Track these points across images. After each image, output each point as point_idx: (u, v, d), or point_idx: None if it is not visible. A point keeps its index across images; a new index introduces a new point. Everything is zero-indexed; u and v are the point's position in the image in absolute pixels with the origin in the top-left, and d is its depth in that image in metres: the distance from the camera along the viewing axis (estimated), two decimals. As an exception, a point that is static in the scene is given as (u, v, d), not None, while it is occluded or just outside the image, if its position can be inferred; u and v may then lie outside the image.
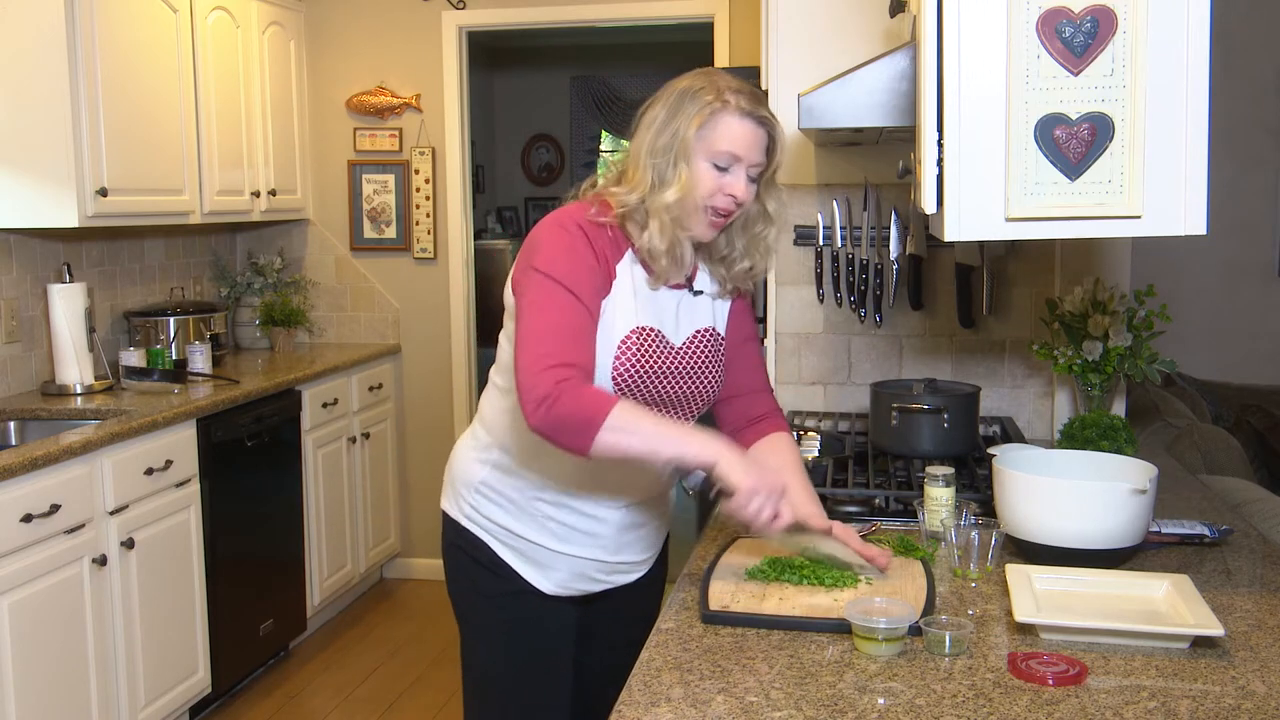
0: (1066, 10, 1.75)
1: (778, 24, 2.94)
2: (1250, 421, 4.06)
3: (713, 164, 1.85)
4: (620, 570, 2.09)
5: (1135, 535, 1.87)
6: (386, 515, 5.04)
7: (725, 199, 1.86)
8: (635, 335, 1.90)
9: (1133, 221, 1.78)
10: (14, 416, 3.53)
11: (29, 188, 3.53)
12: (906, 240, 2.91)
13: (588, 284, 1.85)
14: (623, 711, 1.40)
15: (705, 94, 1.86)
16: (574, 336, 1.80)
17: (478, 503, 2.06)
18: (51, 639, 2.98)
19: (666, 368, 1.93)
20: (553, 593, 2.05)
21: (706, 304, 2.02)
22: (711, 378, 2.01)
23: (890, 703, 1.41)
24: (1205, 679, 1.47)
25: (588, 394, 1.75)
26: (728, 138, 1.85)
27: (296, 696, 4.00)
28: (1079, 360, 2.70)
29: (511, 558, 2.04)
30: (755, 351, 2.12)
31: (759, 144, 1.87)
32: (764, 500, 1.73)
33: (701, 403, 2.02)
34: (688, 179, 1.85)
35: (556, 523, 2.00)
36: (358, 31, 5.03)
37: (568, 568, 2.04)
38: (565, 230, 1.88)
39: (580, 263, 1.85)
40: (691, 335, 1.99)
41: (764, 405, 2.10)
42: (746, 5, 4.60)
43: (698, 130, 1.84)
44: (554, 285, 1.82)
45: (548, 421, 1.73)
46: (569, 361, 1.76)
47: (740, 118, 1.85)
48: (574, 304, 1.82)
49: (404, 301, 5.13)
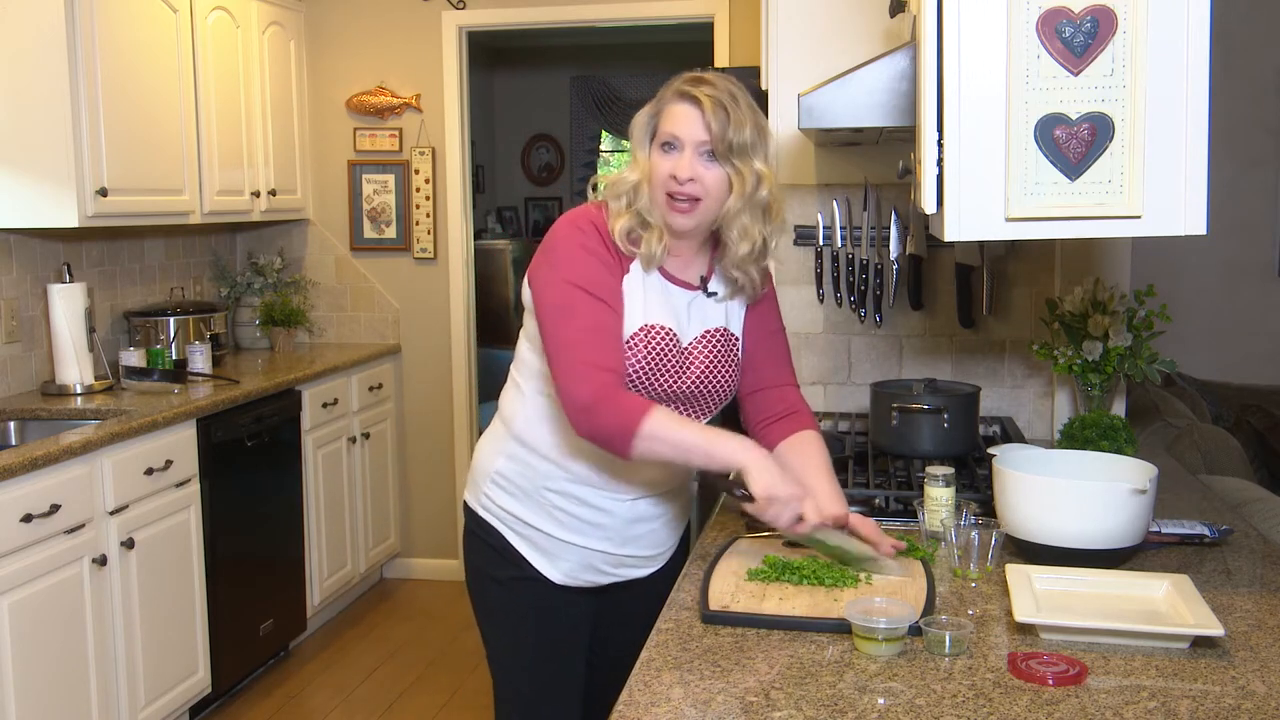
0: (1066, 10, 1.75)
1: (778, 24, 2.94)
2: (1250, 421, 4.06)
3: (661, 148, 1.92)
4: (628, 564, 2.11)
5: (1135, 535, 1.87)
6: (386, 515, 5.04)
7: (673, 182, 1.90)
8: (643, 332, 1.94)
9: (1133, 221, 1.78)
10: (14, 416, 3.53)
11: (29, 188, 3.53)
12: (906, 240, 2.91)
13: (606, 282, 1.90)
14: (623, 711, 1.40)
15: (665, 87, 1.95)
16: (602, 339, 1.87)
17: (492, 492, 2.11)
18: (51, 639, 2.98)
19: (674, 365, 1.97)
20: (561, 582, 2.09)
21: (719, 306, 2.05)
22: (721, 377, 2.02)
23: (890, 703, 1.41)
24: (1205, 679, 1.47)
25: (624, 402, 1.84)
26: (668, 119, 1.91)
27: (296, 696, 4.00)
28: (1079, 360, 2.70)
29: (523, 546, 2.09)
30: (781, 345, 2.14)
31: (695, 121, 1.88)
32: (782, 507, 1.79)
33: (713, 401, 2.04)
34: (644, 164, 1.93)
35: (564, 512, 2.04)
36: (358, 31, 5.03)
37: (575, 558, 2.07)
38: (579, 229, 1.94)
39: (595, 260, 1.91)
40: (701, 335, 2.01)
41: (789, 400, 2.12)
42: (746, 5, 4.60)
43: (650, 119, 1.94)
44: (574, 290, 1.89)
45: (590, 430, 1.86)
46: (602, 365, 1.84)
47: (678, 100, 1.91)
48: (595, 305, 1.88)
49: (404, 301, 5.13)
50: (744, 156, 1.90)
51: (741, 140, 1.89)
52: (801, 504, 1.81)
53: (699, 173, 1.90)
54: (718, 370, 2.02)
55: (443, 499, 5.17)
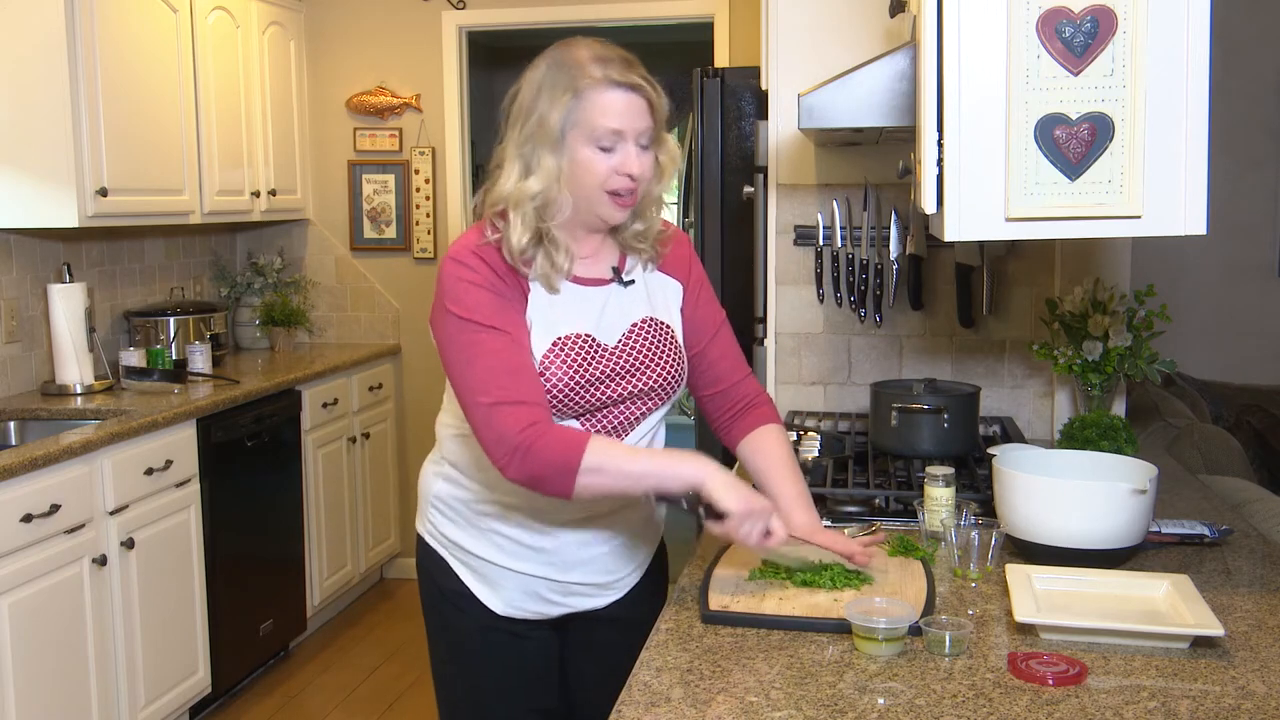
0: (1066, 10, 1.75)
1: (778, 24, 2.94)
2: (1250, 421, 4.06)
3: (596, 146, 1.73)
4: (578, 592, 1.95)
5: (1135, 535, 1.87)
6: (386, 515, 5.04)
7: (620, 179, 1.75)
8: (557, 347, 1.80)
9: (1133, 221, 1.78)
10: (14, 416, 3.53)
11: (29, 188, 3.53)
12: (906, 240, 2.91)
13: (503, 311, 1.75)
14: (622, 711, 1.40)
15: (566, 72, 1.74)
16: (512, 374, 1.71)
17: (434, 518, 1.99)
18: (51, 639, 2.98)
19: (601, 373, 1.82)
20: (504, 613, 1.94)
21: (640, 293, 1.90)
22: (661, 368, 1.88)
23: (890, 703, 1.41)
24: (1205, 679, 1.47)
25: (556, 438, 1.68)
26: (603, 114, 1.72)
27: (296, 696, 4.00)
28: (1079, 360, 2.70)
29: (466, 575, 1.96)
30: (728, 337, 2.00)
31: (638, 111, 1.74)
32: (754, 523, 1.69)
33: (660, 394, 1.89)
34: (551, 168, 1.74)
35: (502, 537, 1.91)
36: (358, 31, 5.03)
37: (516, 585, 1.92)
38: (460, 264, 1.77)
39: (486, 293, 1.75)
40: (627, 331, 1.86)
41: (747, 391, 2.00)
42: (746, 5, 4.60)
43: (565, 115, 1.72)
44: (472, 326, 1.74)
45: (524, 475, 1.69)
46: (520, 400, 1.69)
47: (610, 89, 1.72)
48: (497, 339, 1.73)
49: (404, 301, 5.13)
50: (659, 140, 1.80)
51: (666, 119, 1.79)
52: (772, 519, 1.71)
53: (644, 163, 1.77)
54: (654, 363, 1.87)
55: (443, 499, 5.16)
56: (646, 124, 1.76)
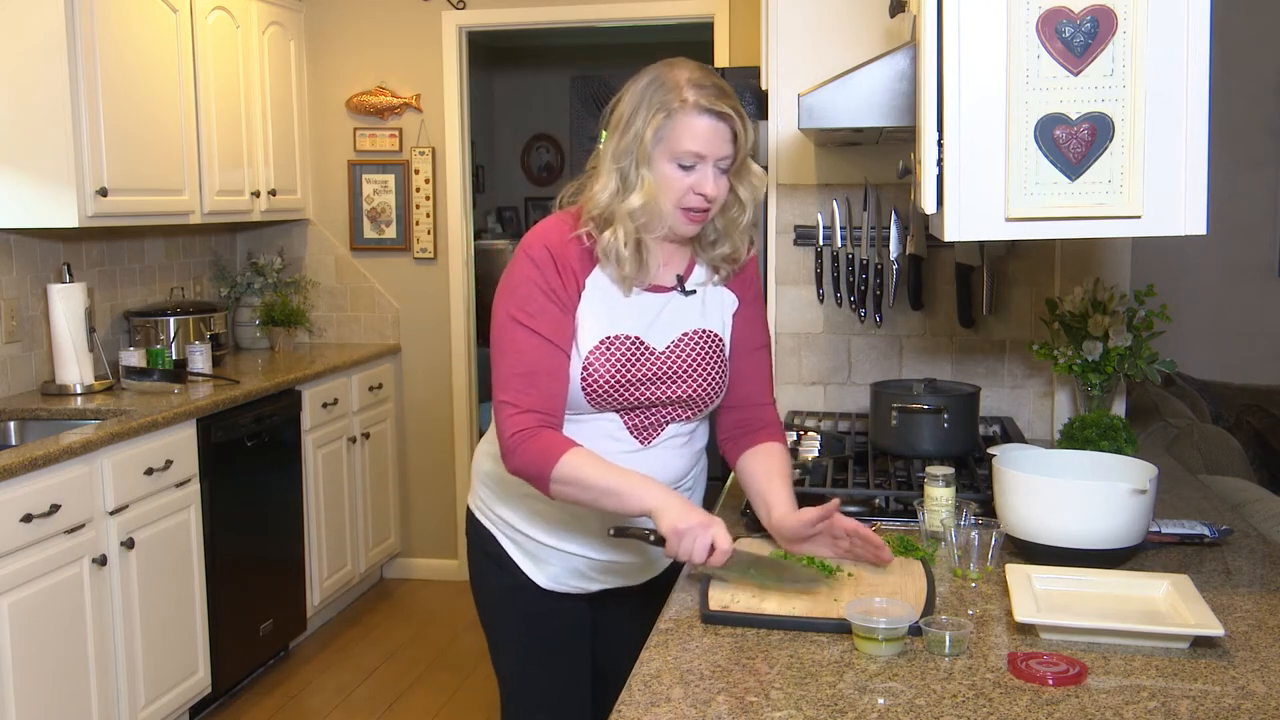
0: (1066, 10, 1.75)
1: (778, 24, 2.94)
2: (1250, 421, 4.06)
3: (677, 164, 1.84)
4: (616, 570, 2.07)
5: (1135, 535, 1.87)
6: (386, 515, 5.04)
7: (696, 198, 1.86)
8: (604, 345, 1.90)
9: (1133, 221, 1.78)
10: (14, 416, 3.53)
11: (29, 187, 3.53)
12: (906, 240, 2.91)
13: (549, 315, 1.87)
14: (623, 711, 1.40)
15: (663, 92, 1.84)
16: (526, 377, 1.85)
17: (484, 494, 2.11)
18: (51, 639, 2.98)
19: (644, 375, 1.92)
20: (549, 588, 2.06)
21: (697, 305, 1.99)
22: (703, 379, 1.97)
23: (890, 703, 1.41)
24: (1205, 679, 1.47)
25: (538, 447, 1.81)
26: (689, 137, 1.83)
27: (296, 696, 4.00)
28: (1079, 360, 2.70)
29: (513, 550, 2.07)
30: (764, 362, 2.10)
31: (722, 138, 1.85)
32: (691, 539, 1.73)
33: (698, 404, 1.99)
34: (651, 184, 1.85)
35: (543, 517, 2.02)
36: (358, 31, 5.03)
37: (560, 563, 2.05)
38: (529, 260, 1.89)
39: (538, 293, 1.87)
40: (678, 338, 1.96)
41: (764, 418, 2.08)
42: (746, 5, 4.60)
43: (655, 132, 1.83)
44: (514, 325, 1.87)
45: (513, 471, 1.87)
46: (526, 407, 1.83)
47: (699, 115, 1.83)
48: (530, 340, 1.86)
49: (404, 301, 5.13)
50: (743, 170, 1.91)
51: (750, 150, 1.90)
52: (709, 531, 1.73)
53: (720, 187, 1.88)
54: (697, 373, 1.97)
55: (443, 499, 5.17)
56: (728, 151, 1.86)
